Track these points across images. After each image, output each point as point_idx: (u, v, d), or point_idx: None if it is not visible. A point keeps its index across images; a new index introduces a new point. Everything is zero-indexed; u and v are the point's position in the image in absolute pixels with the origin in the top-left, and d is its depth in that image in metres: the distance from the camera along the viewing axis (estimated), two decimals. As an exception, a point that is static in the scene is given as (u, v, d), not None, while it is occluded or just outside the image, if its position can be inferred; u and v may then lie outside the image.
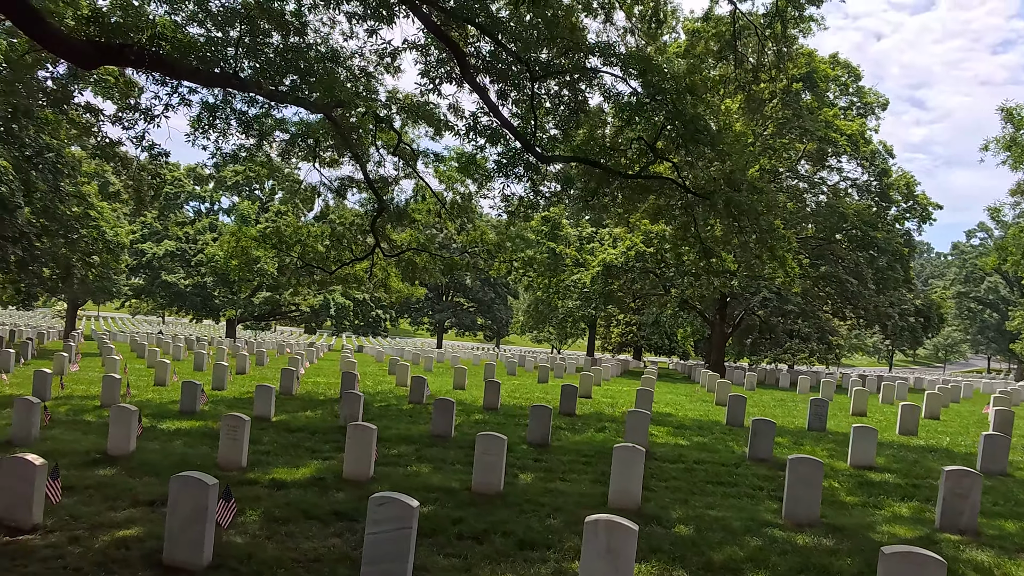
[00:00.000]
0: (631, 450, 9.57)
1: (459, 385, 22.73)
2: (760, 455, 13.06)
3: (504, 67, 10.15)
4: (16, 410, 11.77)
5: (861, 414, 20.31)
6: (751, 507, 9.90)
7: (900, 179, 37.69)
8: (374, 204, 19.56)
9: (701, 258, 14.48)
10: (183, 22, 9.97)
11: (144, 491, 9.02)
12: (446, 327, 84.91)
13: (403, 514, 6.24)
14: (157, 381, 20.56)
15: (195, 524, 6.60)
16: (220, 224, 55.30)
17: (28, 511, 7.14)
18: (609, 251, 35.02)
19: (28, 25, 7.35)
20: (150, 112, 11.68)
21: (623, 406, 20.30)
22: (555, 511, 9.07)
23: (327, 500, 9.00)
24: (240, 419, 10.82)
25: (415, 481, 10.30)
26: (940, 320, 39.93)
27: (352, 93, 13.30)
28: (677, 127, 12.21)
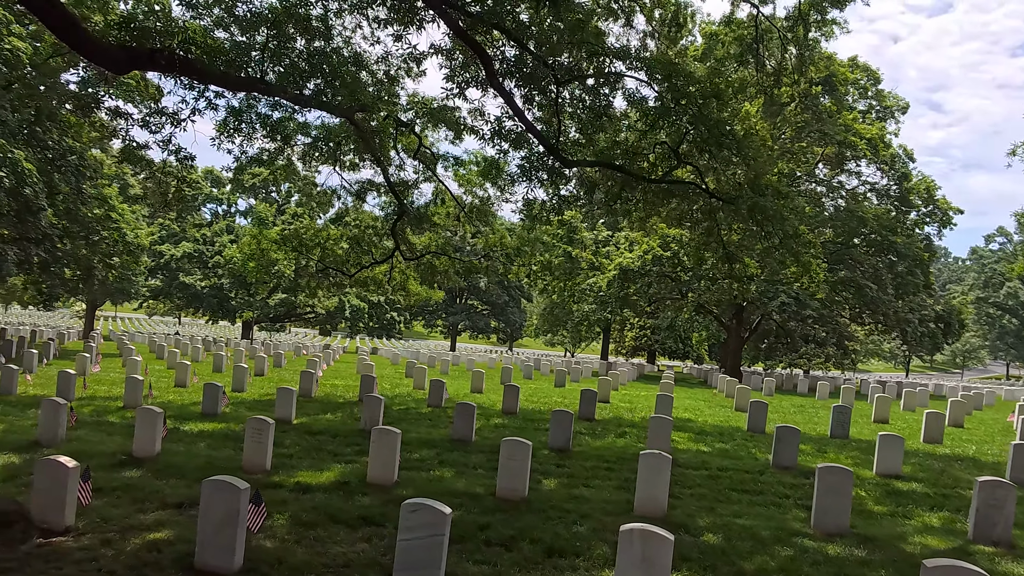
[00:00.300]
0: (658, 457, 9.50)
1: (476, 389, 22.71)
2: (784, 463, 12.93)
3: (530, 72, 10.12)
4: (43, 411, 11.88)
5: (883, 421, 20.07)
6: (778, 516, 9.79)
7: (920, 183, 37.30)
8: (393, 208, 19.61)
9: (723, 263, 14.40)
10: (210, 27, 10.03)
11: (171, 493, 9.06)
12: (460, 330, 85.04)
13: (436, 520, 6.21)
14: (177, 382, 20.70)
15: (227, 528, 6.62)
16: (237, 226, 55.69)
17: (61, 513, 7.19)
18: (626, 255, 34.91)
19: (65, 31, 7.42)
20: (176, 116, 11.77)
21: (642, 411, 20.20)
22: (581, 518, 9.01)
23: (353, 504, 9.00)
24: (265, 422, 10.85)
25: (439, 486, 10.28)
26: (961, 326, 39.44)
27: (374, 97, 13.35)
28: (701, 132, 12.13)
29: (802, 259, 13.56)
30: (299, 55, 11.65)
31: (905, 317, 34.03)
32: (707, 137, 12.28)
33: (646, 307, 43.09)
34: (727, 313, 39.67)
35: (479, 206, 20.10)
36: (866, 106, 39.41)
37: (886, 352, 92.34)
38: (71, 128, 27.14)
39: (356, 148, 16.94)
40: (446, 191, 19.53)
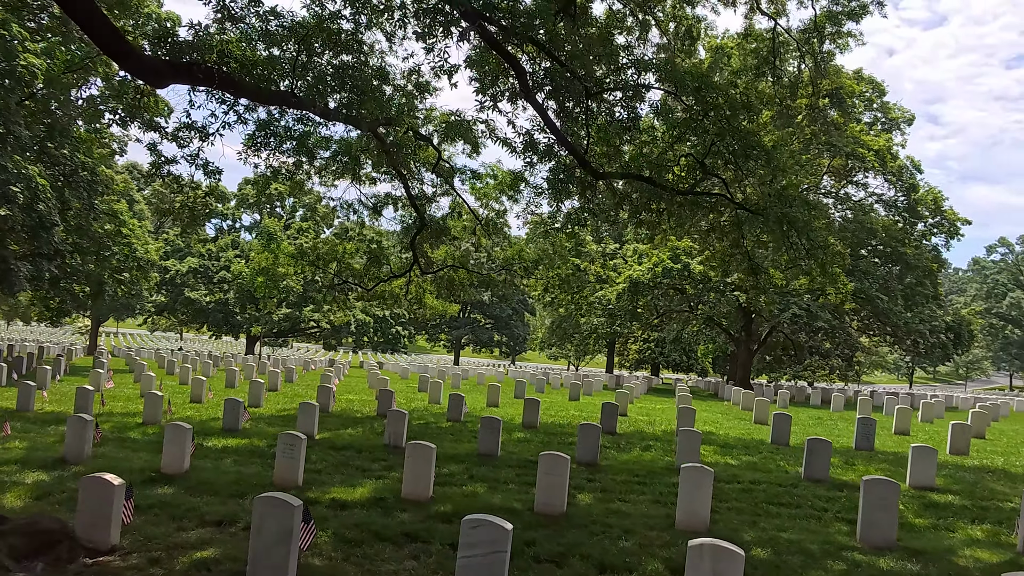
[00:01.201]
0: (699, 471, 9.39)
1: (492, 403, 22.57)
2: (816, 475, 12.81)
3: (564, 84, 10.12)
4: (69, 428, 11.76)
5: (904, 433, 19.95)
6: (821, 529, 9.66)
7: (927, 194, 37.38)
8: (410, 221, 19.58)
9: (748, 275, 14.35)
10: (242, 39, 10.02)
11: (208, 511, 8.93)
12: (463, 343, 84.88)
13: (497, 537, 6.11)
14: (193, 398, 20.56)
15: (279, 546, 6.49)
16: (242, 242, 55.64)
17: (106, 532, 7.06)
18: (635, 267, 34.88)
19: (110, 43, 7.41)
20: (204, 130, 11.74)
21: (661, 424, 20.07)
22: (625, 533, 8.88)
23: (394, 521, 8.87)
24: (297, 437, 10.74)
25: (476, 502, 10.15)
26: (970, 337, 39.39)
27: (400, 110, 13.36)
28: (729, 143, 12.13)
29: (828, 270, 13.53)
30: (327, 69, 11.65)
31: (916, 328, 33.98)
32: (735, 149, 12.27)
33: (654, 320, 43.07)
34: (736, 325, 39.61)
35: (495, 219, 20.09)
36: (871, 118, 39.58)
37: (890, 364, 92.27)
38: (83, 144, 27.18)
39: (376, 162, 16.93)
40: (463, 204, 19.52)
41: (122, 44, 7.61)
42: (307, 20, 11.03)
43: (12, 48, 21.44)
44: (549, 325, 46.30)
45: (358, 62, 11.65)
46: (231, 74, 9.34)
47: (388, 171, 16.05)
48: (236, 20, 9.58)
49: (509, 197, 20.32)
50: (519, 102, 11.44)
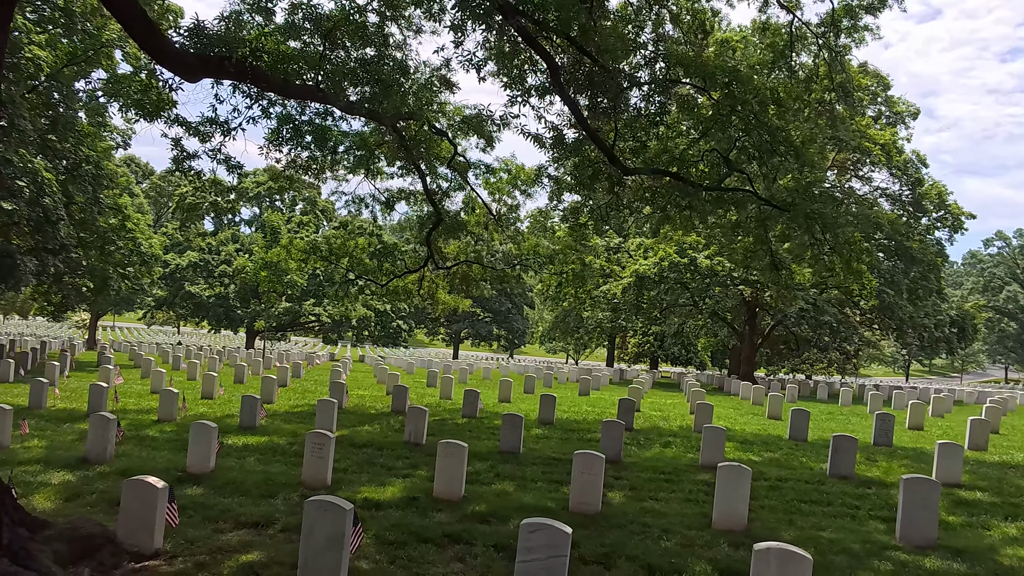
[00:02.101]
0: (736, 469, 9.32)
1: (504, 398, 22.49)
2: (841, 472, 12.77)
3: (596, 78, 9.99)
4: (92, 426, 11.60)
5: (918, 428, 19.96)
6: (858, 528, 9.61)
7: (932, 188, 37.39)
8: (423, 216, 19.42)
9: (771, 270, 14.28)
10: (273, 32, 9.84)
11: (242, 512, 8.81)
12: (462, 337, 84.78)
13: (557, 541, 6.02)
14: (204, 394, 20.40)
15: (331, 551, 6.39)
16: (243, 236, 55.30)
17: (150, 535, 6.94)
18: (640, 262, 34.79)
19: (144, 36, 7.25)
20: (227, 125, 11.56)
21: (676, 420, 20.03)
22: (664, 532, 8.82)
23: (431, 522, 8.77)
24: (325, 436, 10.62)
25: (508, 501, 10.06)
26: (974, 330, 39.51)
27: (423, 104, 13.20)
28: (756, 138, 12.02)
29: (853, 266, 13.47)
30: (351, 62, 11.48)
31: (922, 322, 34.06)
32: (761, 143, 12.16)
33: (657, 314, 43.03)
34: (739, 319, 39.62)
35: (507, 214, 19.95)
36: (875, 112, 39.52)
37: (888, 357, 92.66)
38: (87, 137, 26.88)
39: (390, 156, 16.76)
40: (477, 199, 19.39)
41: (158, 39, 7.44)
42: (333, 12, 10.85)
43: (18, 40, 21.13)
44: (552, 319, 46.14)
45: (381, 55, 11.47)
46: (260, 68, 9.17)
47: (406, 166, 15.88)
48: (268, 13, 9.41)
49: (523, 192, 20.19)
50: (546, 97, 11.29)
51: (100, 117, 27.84)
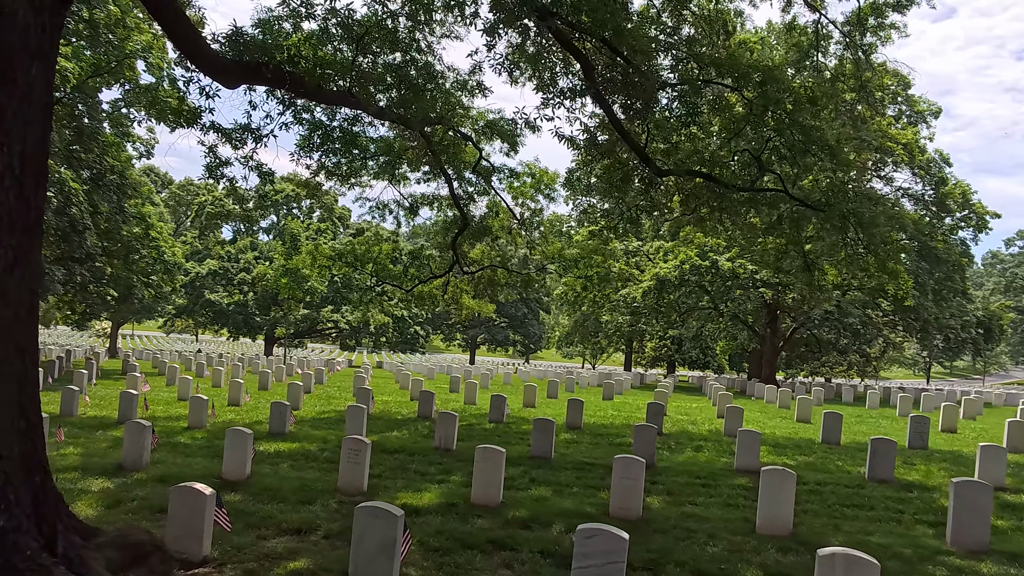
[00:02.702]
0: (781, 474, 9.18)
1: (529, 403, 22.39)
2: (880, 476, 12.56)
3: (630, 80, 9.92)
4: (127, 433, 11.64)
5: (951, 431, 19.62)
6: (906, 532, 9.43)
7: (956, 188, 36.90)
8: (447, 221, 19.40)
9: (803, 271, 14.10)
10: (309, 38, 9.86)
11: (283, 518, 8.77)
12: (479, 343, 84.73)
13: (614, 547, 5.92)
14: (231, 401, 20.46)
15: (382, 558, 6.34)
16: (261, 243, 55.63)
17: (198, 542, 6.92)
18: (661, 265, 34.60)
19: (187, 43, 7.29)
20: (259, 132, 11.60)
21: (704, 423, 19.83)
22: (709, 538, 8.69)
23: (473, 527, 8.70)
24: (362, 442, 10.60)
25: (547, 506, 9.96)
26: (1000, 331, 38.91)
27: (449, 109, 13.18)
28: (790, 138, 11.89)
29: (888, 266, 13.26)
30: (381, 67, 11.48)
31: (948, 323, 33.59)
32: (794, 143, 12.02)
33: (674, 317, 42.76)
34: (760, 322, 39.29)
35: (531, 218, 19.90)
36: (896, 111, 39.09)
37: (908, 359, 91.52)
38: (111, 147, 27.16)
39: (413, 161, 16.75)
40: (500, 204, 19.35)
41: (201, 45, 7.48)
42: (365, 18, 10.86)
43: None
44: (572, 324, 45.98)
45: (411, 60, 11.47)
46: (297, 74, 9.19)
47: (432, 171, 15.87)
48: (305, 18, 9.44)
49: (546, 196, 20.13)
50: (577, 99, 11.23)
51: (123, 127, 28.13)
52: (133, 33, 24.01)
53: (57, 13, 5.79)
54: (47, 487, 5.73)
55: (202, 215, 55.87)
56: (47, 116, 5.76)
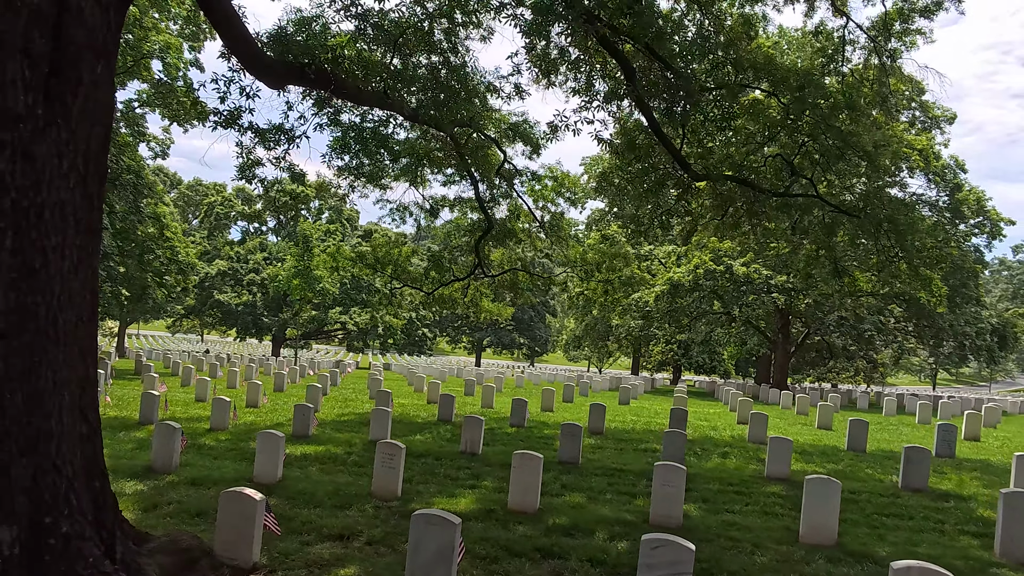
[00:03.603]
0: (825, 482, 9.06)
1: (547, 407, 22.28)
2: (914, 485, 12.43)
3: (672, 84, 9.84)
4: (157, 435, 11.55)
5: (974, 439, 19.47)
6: (951, 544, 9.31)
7: (970, 194, 36.77)
8: (472, 224, 19.32)
9: (833, 277, 13.99)
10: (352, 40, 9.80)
11: (323, 523, 8.67)
12: (484, 345, 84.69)
13: (681, 558, 5.82)
14: (249, 403, 20.37)
15: (439, 566, 6.24)
16: (270, 244, 55.59)
17: (248, 548, 6.82)
18: (674, 269, 34.50)
19: (237, 44, 7.22)
20: (291, 133, 11.53)
21: (725, 429, 19.71)
22: (755, 547, 8.57)
23: (515, 535, 8.59)
24: (396, 447, 10.49)
25: (585, 513, 9.85)
26: (1015, 339, 38.74)
27: (478, 112, 13.11)
28: (825, 143, 11.79)
29: (922, 272, 13.15)
30: (414, 69, 11.41)
31: (963, 330, 33.44)
32: (828, 148, 11.93)
33: (686, 322, 42.64)
34: (772, 327, 39.15)
35: (553, 221, 19.84)
36: (910, 117, 38.99)
37: (915, 365, 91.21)
38: (127, 147, 27.13)
39: (440, 163, 16.68)
40: (523, 207, 19.28)
41: (251, 46, 7.42)
42: (401, 19, 10.79)
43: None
44: (582, 327, 45.86)
45: (447, 62, 11.39)
46: (339, 75, 9.12)
47: (460, 173, 15.79)
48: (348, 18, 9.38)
49: (568, 200, 20.04)
50: (612, 102, 11.13)
51: (139, 127, 28.12)
52: (150, 33, 23.99)
53: (120, 11, 5.72)
54: (106, 492, 5.65)
55: (211, 215, 55.85)
56: (110, 115, 5.69)
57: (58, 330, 5.17)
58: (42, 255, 5.04)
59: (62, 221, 5.19)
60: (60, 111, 5.16)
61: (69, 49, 5.18)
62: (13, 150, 4.89)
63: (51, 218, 5.10)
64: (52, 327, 5.12)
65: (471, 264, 18.45)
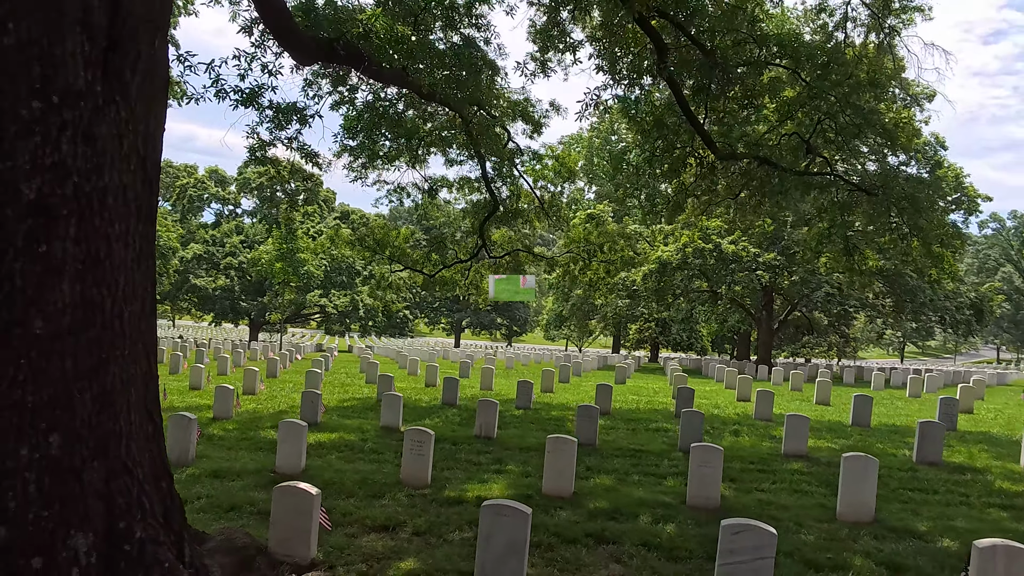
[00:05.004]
0: (864, 460, 9.12)
1: (547, 388, 22.23)
2: (929, 458, 12.65)
3: (704, 62, 9.66)
4: (172, 427, 11.16)
5: (969, 411, 19.92)
6: (984, 517, 9.46)
7: (949, 171, 37.38)
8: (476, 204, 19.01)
9: (843, 256, 14.08)
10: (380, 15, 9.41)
11: (363, 515, 8.45)
12: (463, 326, 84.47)
13: (763, 543, 5.76)
14: (246, 390, 19.93)
15: (511, 558, 6.10)
16: (247, 227, 54.42)
17: (305, 545, 6.60)
18: (661, 248, 34.58)
19: (276, 19, 6.83)
20: (304, 113, 11.10)
21: (727, 407, 19.88)
22: (798, 526, 8.60)
23: (560, 520, 8.49)
24: (425, 433, 10.30)
25: (620, 496, 9.79)
26: (991, 312, 39.78)
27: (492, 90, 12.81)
28: (845, 121, 11.74)
29: (934, 249, 13.30)
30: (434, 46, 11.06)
31: (943, 305, 34.19)
32: (846, 126, 11.89)
33: (668, 299, 42.90)
34: (756, 304, 39.60)
35: (555, 201, 19.64)
36: (890, 95, 39.39)
37: (885, 339, 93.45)
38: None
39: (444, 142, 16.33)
40: (525, 187, 19.03)
41: (289, 21, 7.03)
42: None
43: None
44: (569, 307, 45.89)
45: (469, 39, 11.06)
46: (366, 52, 8.75)
47: (470, 153, 15.47)
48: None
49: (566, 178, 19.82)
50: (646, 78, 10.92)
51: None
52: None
53: (171, -20, 5.33)
54: (173, 493, 5.39)
55: (184, 198, 54.43)
56: (166, 93, 5.33)
57: (124, 324, 4.87)
58: (106, 244, 4.72)
59: (124, 207, 4.86)
60: (119, 88, 4.80)
61: (127, 21, 4.82)
62: (74, 131, 4.55)
63: (114, 204, 4.77)
64: (118, 321, 4.82)
65: (473, 245, 18.19)
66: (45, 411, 4.41)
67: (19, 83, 4.33)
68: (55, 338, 4.45)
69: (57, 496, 4.43)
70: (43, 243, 4.41)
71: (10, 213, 4.33)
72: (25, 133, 4.35)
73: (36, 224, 4.40)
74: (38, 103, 4.39)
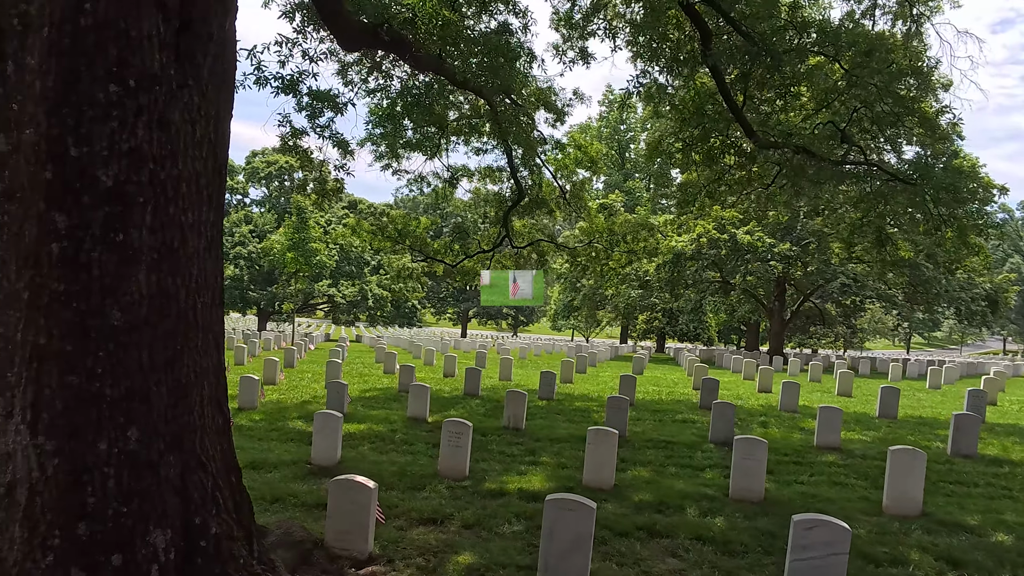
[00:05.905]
0: (911, 453, 9.01)
1: (567, 379, 22.14)
2: (963, 451, 12.55)
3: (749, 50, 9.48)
4: (205, 418, 11.10)
5: (992, 403, 19.80)
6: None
7: (966, 161, 37.02)
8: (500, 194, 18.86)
9: (875, 246, 13.92)
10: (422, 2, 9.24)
11: (409, 507, 8.37)
12: (470, 316, 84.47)
13: (836, 538, 5.66)
14: (266, 379, 19.86)
15: (576, 553, 6.00)
16: (255, 216, 54.27)
17: (363, 539, 6.51)
18: (674, 238, 34.39)
19: (328, 2, 6.67)
20: (336, 101, 10.94)
21: (749, 399, 19.79)
22: (847, 520, 8.43)
23: (608, 513, 8.36)
24: (464, 425, 10.20)
25: (663, 488, 9.70)
26: (1005, 304, 39.56)
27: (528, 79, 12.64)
28: (882, 110, 11.56)
29: (970, 239, 13.15)
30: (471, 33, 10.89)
31: (958, 296, 34.00)
32: (884, 116, 11.70)
33: (682, 290, 42.74)
34: (769, 295, 39.45)
35: (573, 190, 19.48)
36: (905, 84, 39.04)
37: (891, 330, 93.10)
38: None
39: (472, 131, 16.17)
40: (547, 176, 18.87)
41: (339, 4, 6.87)
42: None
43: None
44: (580, 297, 45.74)
45: (505, 26, 10.88)
46: (407, 38, 8.60)
47: (498, 141, 15.30)
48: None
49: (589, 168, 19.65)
50: (675, 68, 10.74)
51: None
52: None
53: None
54: (242, 487, 5.29)
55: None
56: (233, 78, 5.19)
57: (197, 315, 4.76)
58: (180, 233, 4.60)
59: (197, 195, 4.74)
60: (191, 71, 4.67)
61: (199, 1, 4.68)
62: (150, 116, 4.42)
63: (187, 192, 4.65)
64: (192, 312, 4.70)
65: (496, 235, 18.04)
66: (123, 404, 4.31)
67: (96, 66, 4.20)
68: (132, 329, 4.34)
69: (136, 491, 4.33)
70: (120, 232, 4.29)
71: (87, 200, 4.21)
72: (103, 118, 4.22)
73: (113, 212, 4.28)
74: (115, 87, 4.25)
